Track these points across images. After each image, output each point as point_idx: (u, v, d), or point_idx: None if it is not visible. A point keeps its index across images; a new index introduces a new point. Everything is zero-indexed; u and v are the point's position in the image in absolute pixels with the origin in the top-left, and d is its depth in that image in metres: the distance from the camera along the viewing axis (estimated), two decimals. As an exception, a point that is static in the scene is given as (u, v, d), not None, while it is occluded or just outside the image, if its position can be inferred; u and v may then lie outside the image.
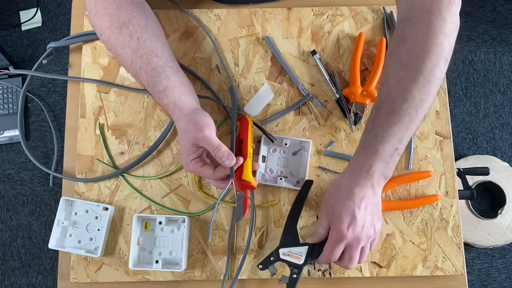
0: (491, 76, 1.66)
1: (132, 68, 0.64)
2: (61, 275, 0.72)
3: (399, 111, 0.56)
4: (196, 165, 0.62)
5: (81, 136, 0.75)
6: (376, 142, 0.57)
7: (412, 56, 0.56)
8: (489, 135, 1.62)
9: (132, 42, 0.63)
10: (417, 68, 0.56)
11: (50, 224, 1.57)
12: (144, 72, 0.63)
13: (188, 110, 0.63)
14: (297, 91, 0.76)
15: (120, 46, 0.63)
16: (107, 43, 0.65)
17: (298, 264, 0.63)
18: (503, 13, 1.72)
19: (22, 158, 1.61)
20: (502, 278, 1.51)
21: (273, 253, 0.65)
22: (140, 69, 0.63)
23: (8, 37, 1.72)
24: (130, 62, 0.64)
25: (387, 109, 0.57)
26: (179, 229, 0.71)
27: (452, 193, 0.73)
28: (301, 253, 0.64)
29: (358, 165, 0.59)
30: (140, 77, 0.64)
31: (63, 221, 0.71)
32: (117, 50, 0.64)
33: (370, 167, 0.58)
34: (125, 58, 0.64)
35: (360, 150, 0.60)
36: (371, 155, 0.58)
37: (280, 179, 0.72)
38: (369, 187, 0.58)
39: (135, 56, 0.63)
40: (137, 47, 0.63)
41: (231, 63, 0.78)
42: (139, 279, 0.70)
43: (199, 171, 0.63)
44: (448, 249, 0.71)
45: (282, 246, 0.65)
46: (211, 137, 0.61)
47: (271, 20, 0.79)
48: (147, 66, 0.63)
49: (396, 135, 0.57)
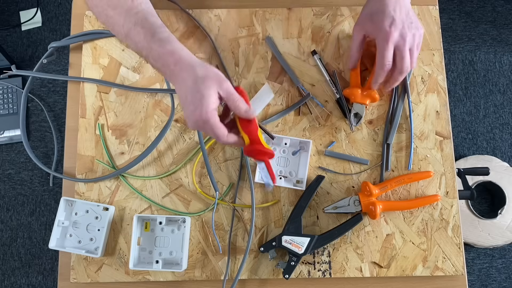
0: (491, 76, 1.66)
1: (124, 27, 0.60)
2: (61, 275, 0.72)
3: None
4: (217, 117, 0.57)
5: (81, 136, 0.75)
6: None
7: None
8: (489, 135, 1.62)
9: (126, 2, 0.61)
10: None
11: (50, 224, 1.57)
12: (140, 27, 0.59)
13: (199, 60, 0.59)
14: (297, 91, 0.76)
15: (112, 7, 0.61)
16: (97, 7, 0.62)
17: (298, 253, 0.67)
18: (503, 13, 1.72)
19: (22, 158, 1.61)
20: (502, 278, 1.51)
21: (275, 238, 0.68)
22: (135, 25, 0.59)
23: (8, 37, 1.72)
24: (123, 21, 0.60)
25: None
26: (179, 229, 0.71)
27: (452, 193, 0.73)
28: (302, 243, 0.67)
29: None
30: (133, 33, 0.60)
31: (63, 221, 0.71)
32: (108, 11, 0.61)
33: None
34: (116, 18, 0.61)
35: None
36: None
37: (280, 178, 0.72)
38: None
39: (129, 14, 0.60)
40: (132, 6, 0.60)
41: (231, 63, 0.78)
42: (139, 279, 0.70)
43: (216, 124, 0.57)
44: (448, 249, 0.71)
45: (285, 234, 0.67)
46: (233, 88, 0.58)
47: (271, 20, 0.79)
48: (143, 21, 0.59)
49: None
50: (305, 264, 0.70)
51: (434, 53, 0.78)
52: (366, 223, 0.71)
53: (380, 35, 0.65)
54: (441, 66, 0.77)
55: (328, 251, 0.70)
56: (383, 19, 0.64)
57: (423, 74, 0.77)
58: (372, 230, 0.71)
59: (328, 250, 0.71)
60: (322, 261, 0.70)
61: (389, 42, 0.64)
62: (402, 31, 0.64)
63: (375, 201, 0.69)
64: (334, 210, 0.71)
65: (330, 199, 0.72)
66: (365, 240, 0.71)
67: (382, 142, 0.74)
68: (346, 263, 0.70)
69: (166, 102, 0.76)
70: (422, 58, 0.77)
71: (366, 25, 0.67)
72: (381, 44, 0.65)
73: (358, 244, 0.71)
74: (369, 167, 0.73)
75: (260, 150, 0.61)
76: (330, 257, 0.70)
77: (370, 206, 0.69)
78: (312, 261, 0.70)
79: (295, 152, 0.73)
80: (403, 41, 0.64)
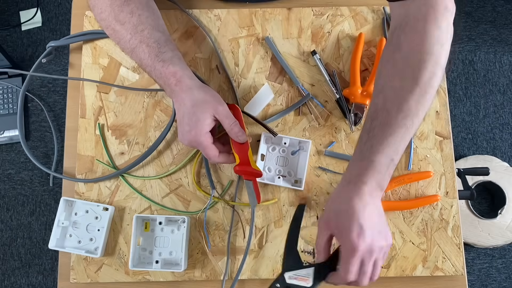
0: (491, 76, 1.66)
1: (130, 43, 0.63)
2: (61, 275, 0.72)
3: (395, 122, 0.55)
4: (210, 139, 0.62)
5: (81, 136, 0.75)
6: (371, 153, 0.55)
7: (408, 65, 0.55)
8: (489, 135, 1.62)
9: (133, 18, 0.63)
10: (414, 79, 0.55)
11: (50, 224, 1.57)
12: (145, 45, 0.62)
13: (199, 83, 0.63)
14: (297, 91, 0.76)
15: (120, 22, 0.63)
16: (105, 21, 0.65)
17: (307, 287, 0.59)
18: (503, 13, 1.72)
19: (22, 158, 1.61)
20: (502, 278, 1.51)
21: (278, 279, 0.60)
22: (141, 42, 0.62)
23: (8, 37, 1.72)
24: (129, 37, 0.63)
25: (382, 120, 0.55)
26: (179, 230, 0.71)
27: (452, 193, 0.73)
28: (308, 275, 0.60)
29: (354, 177, 0.56)
30: (139, 51, 0.63)
31: (63, 221, 0.71)
32: (116, 26, 0.64)
33: (366, 178, 0.55)
34: (123, 33, 0.63)
35: (355, 162, 0.57)
36: (367, 167, 0.55)
37: (278, 178, 0.72)
38: (367, 196, 0.55)
39: (135, 31, 0.63)
40: (138, 22, 0.63)
41: (231, 64, 0.78)
42: (139, 280, 0.70)
43: (208, 146, 0.62)
44: (448, 249, 0.71)
45: (286, 270, 0.60)
46: (229, 111, 0.62)
47: (271, 20, 0.79)
48: (149, 39, 0.62)
49: (392, 146, 0.55)
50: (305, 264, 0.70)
51: (434, 53, 0.78)
52: (366, 223, 0.71)
53: (346, 245, 0.54)
54: (441, 66, 0.77)
55: (328, 251, 0.70)
56: (350, 226, 0.53)
57: (423, 74, 0.77)
58: (372, 230, 0.71)
59: (328, 250, 0.70)
60: (322, 261, 0.70)
61: (355, 257, 0.53)
62: (371, 244, 0.53)
63: (375, 201, 0.69)
64: (334, 210, 0.71)
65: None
66: (365, 240, 0.71)
67: (382, 142, 0.74)
68: (346, 263, 0.70)
69: (166, 102, 0.76)
70: (422, 58, 0.77)
71: (331, 224, 0.56)
72: (345, 255, 0.54)
73: (358, 244, 0.71)
74: (369, 167, 0.73)
75: (248, 171, 0.67)
76: (330, 257, 0.70)
77: (370, 206, 0.69)
78: (312, 261, 0.70)
79: (294, 152, 0.73)
80: (369, 256, 0.54)
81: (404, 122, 0.55)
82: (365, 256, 0.54)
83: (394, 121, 0.55)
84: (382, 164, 0.55)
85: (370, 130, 0.56)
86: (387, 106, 0.56)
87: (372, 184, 0.55)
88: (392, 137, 0.55)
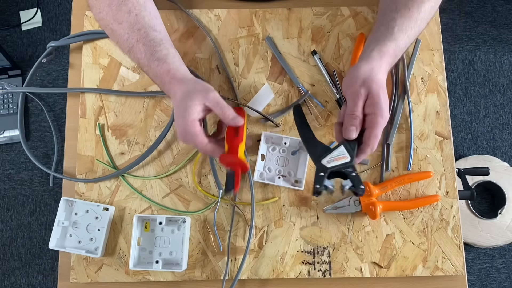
0: (491, 76, 1.66)
1: (127, 42, 0.64)
2: (61, 275, 0.72)
3: (416, 16, 0.63)
4: (198, 126, 0.60)
5: (81, 136, 0.75)
6: (399, 33, 0.62)
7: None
8: (489, 135, 1.62)
9: (130, 17, 0.63)
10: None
11: (50, 224, 1.57)
12: (141, 44, 0.63)
13: (191, 77, 0.63)
14: (297, 91, 0.76)
15: (117, 21, 0.64)
16: (104, 20, 0.65)
17: (348, 162, 0.59)
18: (503, 13, 1.72)
19: (22, 158, 1.61)
20: (502, 278, 1.51)
21: (319, 170, 0.60)
22: (137, 41, 0.63)
23: (8, 37, 1.72)
24: (127, 36, 0.64)
25: (404, 13, 0.63)
26: (179, 229, 0.71)
27: (452, 193, 0.73)
28: (343, 153, 0.60)
29: (382, 52, 0.61)
30: (135, 50, 0.63)
31: (63, 221, 0.71)
32: (113, 25, 0.64)
33: (390, 53, 0.61)
34: (121, 32, 0.64)
35: (381, 39, 0.62)
36: (395, 47, 0.62)
37: (278, 178, 0.72)
38: (387, 73, 0.62)
39: (132, 30, 0.63)
40: (135, 21, 0.63)
41: (231, 63, 0.78)
42: (139, 280, 0.70)
43: (197, 134, 0.60)
44: (448, 249, 0.71)
45: (320, 159, 0.60)
46: (220, 97, 0.60)
47: (271, 21, 0.79)
48: (145, 38, 0.63)
49: (410, 36, 0.63)
50: (305, 264, 0.70)
51: (434, 53, 0.78)
52: (366, 223, 0.71)
53: (382, 116, 0.58)
54: (441, 66, 0.77)
55: (328, 251, 0.70)
56: (385, 96, 0.59)
57: (423, 74, 0.77)
58: (372, 230, 0.71)
59: (328, 250, 0.71)
60: (322, 261, 0.70)
61: (382, 125, 0.58)
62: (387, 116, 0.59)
63: (375, 201, 0.69)
64: (334, 210, 0.71)
65: (330, 199, 0.72)
66: (365, 240, 0.71)
67: (382, 142, 0.74)
68: (346, 263, 0.70)
69: (166, 102, 0.76)
70: (422, 58, 0.77)
71: (362, 91, 0.59)
72: (381, 124, 0.58)
73: (358, 244, 0.71)
74: (369, 167, 0.73)
75: (234, 160, 0.63)
76: (330, 257, 0.70)
77: (370, 206, 0.69)
78: (312, 261, 0.70)
79: (295, 152, 0.73)
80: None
81: (422, 16, 0.64)
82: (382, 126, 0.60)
83: (415, 15, 0.63)
84: (403, 45, 0.63)
85: (391, 20, 0.63)
86: (409, 5, 0.63)
87: (392, 57, 0.62)
88: (412, 29, 0.63)
